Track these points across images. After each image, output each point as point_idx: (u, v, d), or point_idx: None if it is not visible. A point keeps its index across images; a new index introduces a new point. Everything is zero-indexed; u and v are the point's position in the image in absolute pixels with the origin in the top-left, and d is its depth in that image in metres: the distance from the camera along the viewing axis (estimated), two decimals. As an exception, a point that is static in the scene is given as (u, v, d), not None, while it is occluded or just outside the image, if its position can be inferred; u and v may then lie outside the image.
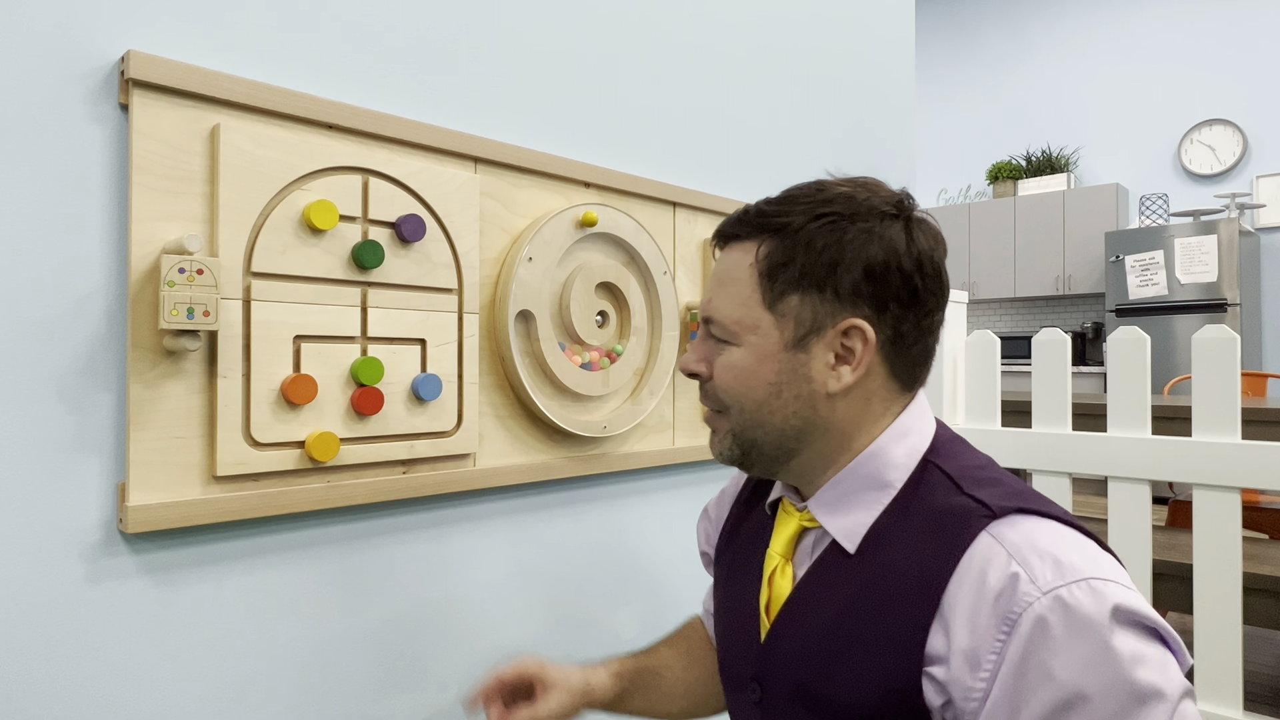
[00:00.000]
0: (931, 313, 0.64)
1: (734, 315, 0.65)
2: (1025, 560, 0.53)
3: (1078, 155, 5.56)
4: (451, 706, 0.98)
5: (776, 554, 0.69)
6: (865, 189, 0.64)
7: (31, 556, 0.68)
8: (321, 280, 0.83)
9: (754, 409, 0.65)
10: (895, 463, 0.63)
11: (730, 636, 0.75)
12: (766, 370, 0.64)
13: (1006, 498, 0.58)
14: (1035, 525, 0.56)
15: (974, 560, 0.55)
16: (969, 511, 0.58)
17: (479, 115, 1.00)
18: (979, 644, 0.53)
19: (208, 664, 0.78)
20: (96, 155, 0.71)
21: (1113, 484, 1.54)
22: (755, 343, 0.64)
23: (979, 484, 0.60)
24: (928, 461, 0.64)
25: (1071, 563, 0.53)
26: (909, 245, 0.62)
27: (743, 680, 0.71)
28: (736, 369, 0.65)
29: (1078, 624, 0.50)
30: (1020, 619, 0.51)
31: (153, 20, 0.74)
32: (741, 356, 0.65)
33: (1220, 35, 5.00)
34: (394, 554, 0.92)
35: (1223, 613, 1.42)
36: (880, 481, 0.63)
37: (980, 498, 0.58)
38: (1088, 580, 0.52)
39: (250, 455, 0.77)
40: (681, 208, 1.25)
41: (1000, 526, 0.56)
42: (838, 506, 0.64)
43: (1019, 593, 0.52)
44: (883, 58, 1.78)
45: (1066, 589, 0.51)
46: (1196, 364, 1.46)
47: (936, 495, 0.61)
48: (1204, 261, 4.49)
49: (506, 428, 1.02)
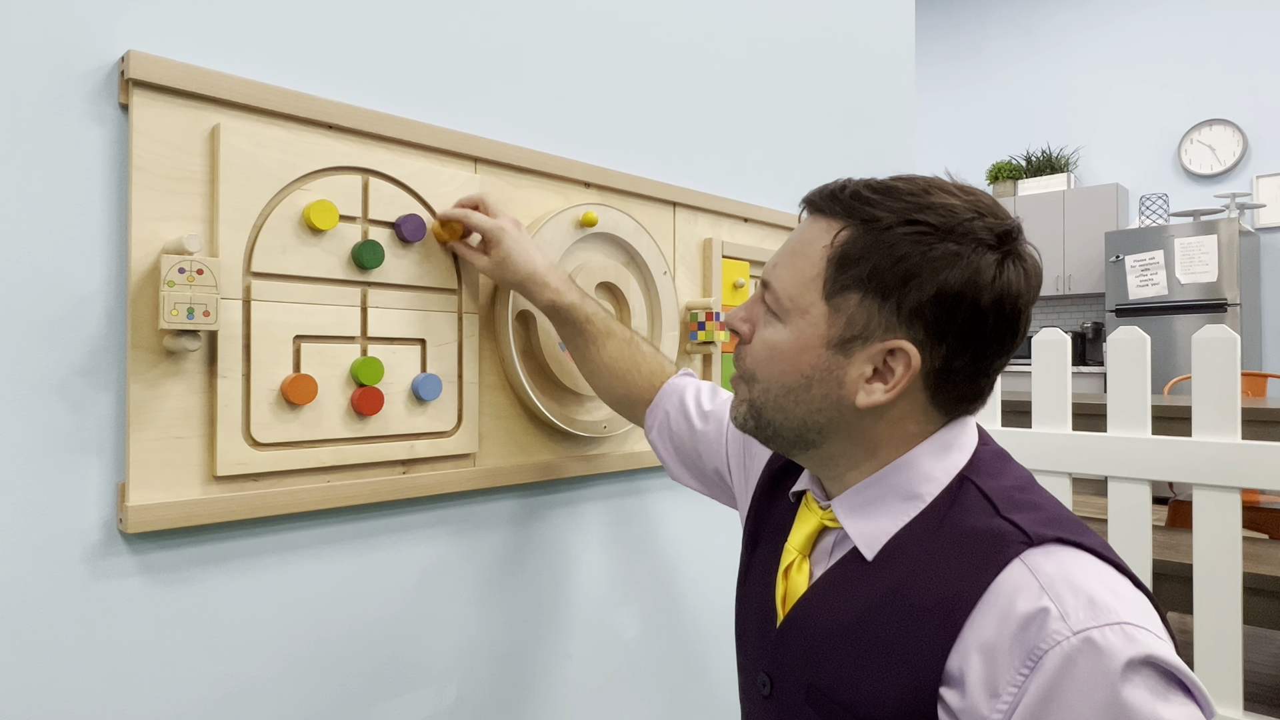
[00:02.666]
0: (994, 356, 0.61)
1: (790, 291, 0.62)
2: (1058, 595, 0.51)
3: (1078, 155, 5.56)
4: (452, 706, 0.98)
5: (794, 549, 0.68)
6: (975, 207, 0.59)
7: (31, 557, 0.68)
8: (321, 280, 0.83)
9: (779, 393, 0.63)
10: (930, 476, 0.61)
11: (747, 622, 0.74)
12: (802, 361, 0.62)
13: (1045, 524, 0.56)
14: (1072, 558, 0.54)
15: (1004, 587, 0.53)
16: (1005, 536, 0.55)
17: (479, 115, 1.00)
18: (999, 674, 0.51)
19: (208, 664, 0.78)
20: (96, 155, 0.71)
21: (1113, 484, 1.54)
22: (800, 327, 0.62)
23: (1017, 507, 0.58)
24: (965, 478, 0.61)
25: (1106, 604, 0.50)
26: (994, 281, 0.57)
27: (755, 670, 0.70)
28: (773, 348, 0.63)
29: (1106, 669, 0.48)
30: (1046, 656, 0.49)
31: (153, 20, 0.74)
32: (783, 337, 0.63)
33: (1220, 35, 5.00)
34: (394, 554, 0.92)
35: (1223, 613, 1.42)
36: (910, 493, 0.61)
37: (1018, 522, 0.56)
38: (1122, 625, 0.49)
39: (250, 455, 0.77)
40: (681, 208, 1.25)
41: (1035, 555, 0.54)
42: (863, 511, 0.62)
43: (1048, 629, 0.50)
44: (883, 57, 1.78)
45: (1099, 631, 0.49)
46: (1196, 364, 1.46)
47: (971, 515, 0.58)
48: (1204, 261, 4.49)
49: (506, 428, 1.02)
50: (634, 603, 1.22)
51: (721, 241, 1.29)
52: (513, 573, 1.05)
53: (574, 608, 1.13)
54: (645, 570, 1.23)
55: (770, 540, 0.74)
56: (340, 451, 0.84)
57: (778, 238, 1.43)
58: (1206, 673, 1.44)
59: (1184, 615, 2.69)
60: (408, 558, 0.93)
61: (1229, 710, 1.42)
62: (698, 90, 1.31)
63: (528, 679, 1.06)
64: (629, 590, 1.21)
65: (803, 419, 0.63)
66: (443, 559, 0.97)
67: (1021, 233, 0.61)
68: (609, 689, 1.18)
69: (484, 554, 1.02)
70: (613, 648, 1.18)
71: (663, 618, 1.26)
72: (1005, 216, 0.60)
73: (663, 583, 1.26)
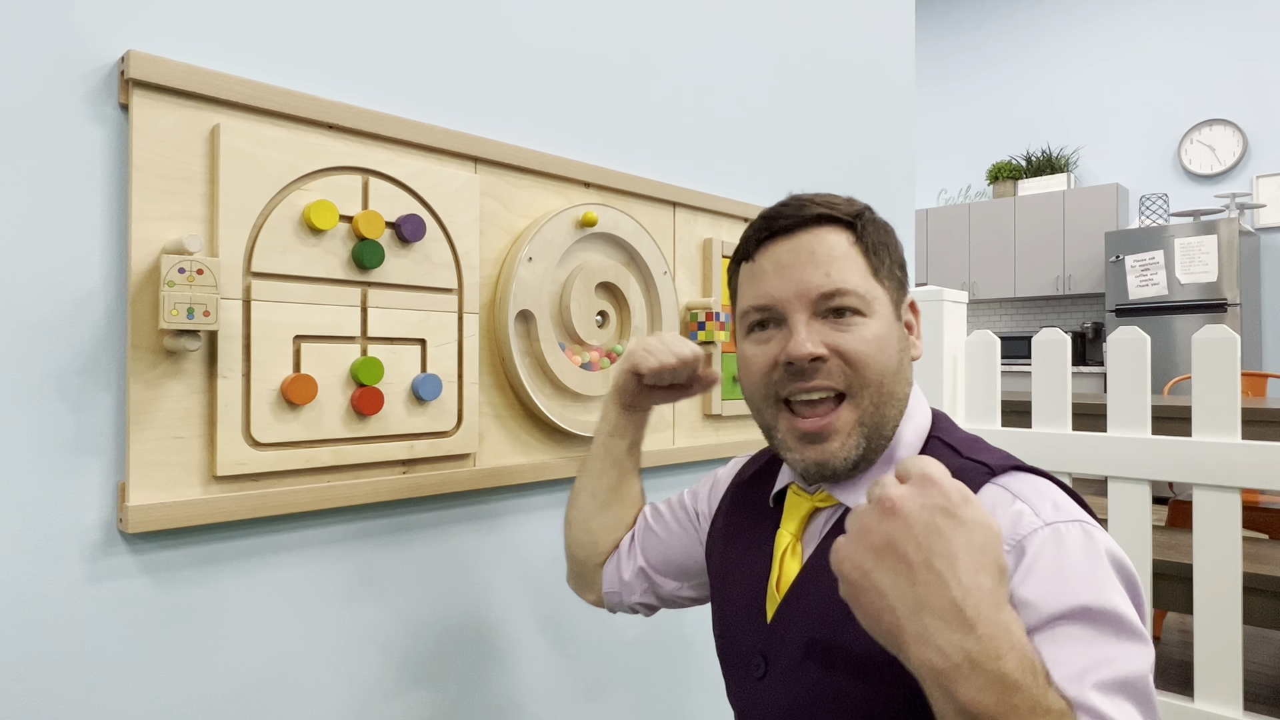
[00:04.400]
0: None
1: (862, 287, 0.67)
2: (1028, 499, 0.59)
3: (1078, 155, 5.56)
4: (452, 706, 0.98)
5: (789, 533, 0.72)
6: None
7: (31, 556, 0.68)
8: (321, 280, 0.83)
9: (891, 379, 0.67)
10: (907, 442, 0.69)
11: (733, 617, 0.76)
12: (894, 337, 0.68)
13: (1003, 459, 0.65)
14: (1031, 478, 0.63)
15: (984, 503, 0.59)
16: (973, 469, 0.63)
17: (479, 115, 1.00)
18: None
19: (207, 663, 0.78)
20: (96, 155, 0.71)
21: (1113, 484, 1.54)
22: (882, 312, 0.67)
23: (977, 450, 0.67)
24: (932, 436, 0.70)
25: (1069, 507, 0.59)
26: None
27: (746, 656, 0.72)
28: (875, 339, 0.66)
29: (1074, 553, 0.55)
30: (1025, 541, 0.56)
31: (153, 20, 0.74)
32: (877, 326, 0.66)
33: (1220, 35, 5.00)
34: (394, 554, 0.92)
35: (1223, 613, 1.42)
36: (893, 458, 0.68)
37: (980, 459, 0.64)
38: (1081, 523, 0.58)
39: (250, 455, 0.77)
40: (681, 208, 1.25)
41: (1001, 478, 0.62)
42: (856, 484, 0.68)
43: (1023, 522, 0.57)
44: (883, 58, 1.78)
45: (1065, 525, 0.57)
46: (1196, 364, 1.45)
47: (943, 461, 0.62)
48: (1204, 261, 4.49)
49: (506, 428, 1.02)
50: (634, 603, 1.22)
51: (721, 241, 1.29)
52: (513, 573, 1.05)
53: (574, 608, 1.13)
54: (645, 570, 1.23)
55: (748, 540, 0.77)
56: (340, 451, 0.84)
57: (778, 238, 1.42)
58: (1206, 673, 1.44)
59: (1184, 615, 2.69)
60: (408, 558, 0.93)
61: (1229, 710, 1.42)
62: (698, 90, 1.31)
63: (528, 679, 1.06)
64: (629, 590, 1.21)
65: (902, 399, 0.69)
66: (442, 559, 0.97)
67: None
68: (609, 689, 1.18)
69: (484, 554, 1.01)
70: (613, 648, 1.18)
71: (663, 618, 1.26)
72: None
73: (663, 583, 1.26)
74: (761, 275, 0.68)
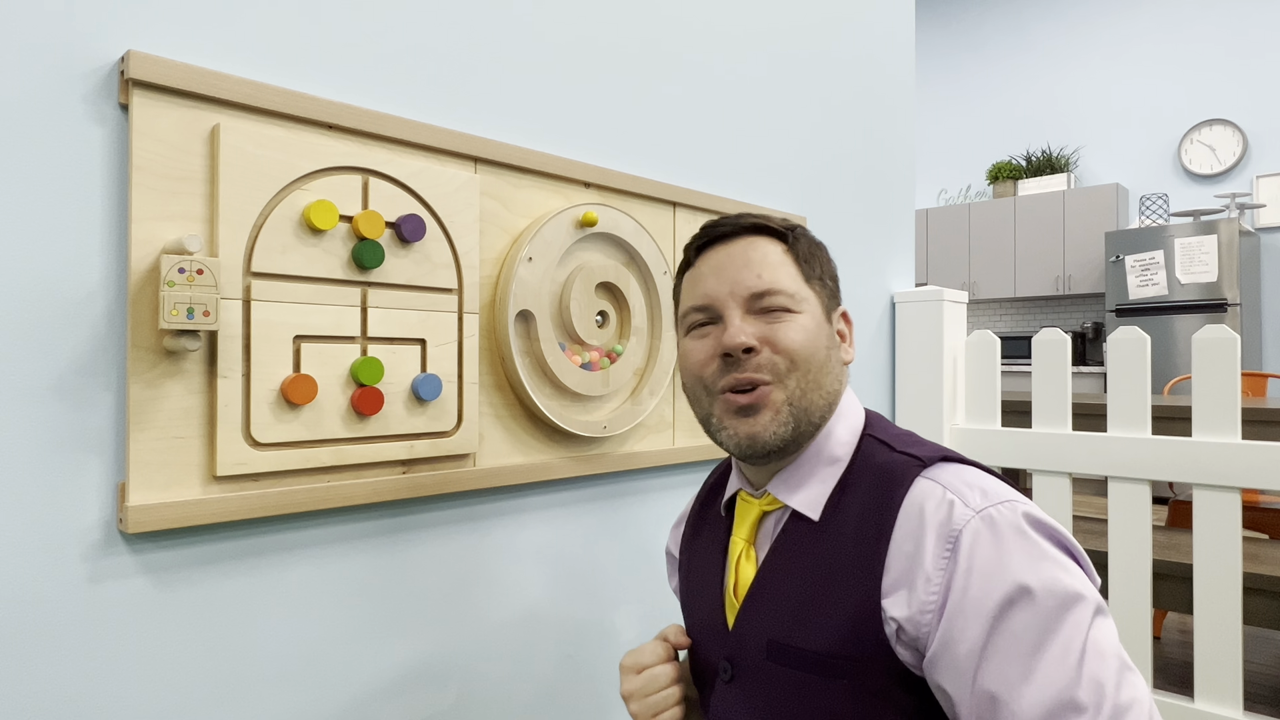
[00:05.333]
0: None
1: (792, 288, 0.72)
2: (958, 490, 0.63)
3: (1078, 155, 5.56)
4: (452, 706, 0.98)
5: (741, 539, 0.74)
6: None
7: (31, 556, 0.68)
8: (321, 280, 0.83)
9: (818, 368, 0.71)
10: (841, 440, 0.72)
11: (699, 629, 0.78)
12: (822, 334, 0.72)
13: (933, 451, 0.68)
14: (959, 468, 0.66)
15: (914, 499, 0.64)
16: (905, 463, 0.67)
17: (479, 115, 1.00)
18: (928, 564, 0.61)
19: (207, 664, 0.78)
20: (96, 155, 0.71)
21: (1113, 484, 1.54)
22: (813, 310, 0.72)
23: (908, 444, 0.70)
24: (866, 434, 0.73)
25: (995, 490, 0.63)
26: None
27: (714, 665, 0.74)
28: (806, 330, 0.71)
29: (1007, 533, 0.60)
30: (960, 534, 0.60)
31: (153, 20, 0.74)
32: (806, 320, 0.72)
33: (1220, 35, 5.00)
34: (394, 554, 0.92)
35: (1223, 613, 1.42)
36: (831, 457, 0.71)
37: (912, 453, 0.68)
38: (1008, 501, 0.62)
39: (250, 455, 0.77)
40: (681, 208, 1.25)
41: (932, 471, 0.66)
42: (798, 485, 0.71)
43: (955, 515, 0.61)
44: (883, 58, 1.78)
45: (994, 508, 0.61)
46: (1196, 364, 1.46)
47: (877, 457, 0.70)
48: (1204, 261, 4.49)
49: (506, 428, 1.02)
50: (633, 603, 1.22)
51: (721, 241, 1.29)
52: (513, 572, 1.05)
53: (574, 608, 1.13)
54: (645, 570, 1.23)
55: (704, 554, 0.80)
56: (340, 451, 0.84)
57: (778, 238, 1.43)
58: (1206, 673, 1.44)
59: (1184, 615, 2.69)
60: (408, 558, 0.93)
61: (1229, 710, 1.42)
62: (698, 90, 1.31)
63: (528, 679, 1.06)
64: (628, 590, 1.21)
65: (831, 390, 0.72)
66: (442, 559, 0.97)
67: None
68: (608, 689, 1.18)
69: (483, 554, 1.01)
70: (612, 648, 1.18)
71: (662, 618, 1.26)
72: None
73: (662, 583, 1.26)
74: (700, 279, 0.73)
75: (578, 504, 1.13)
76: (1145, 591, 1.51)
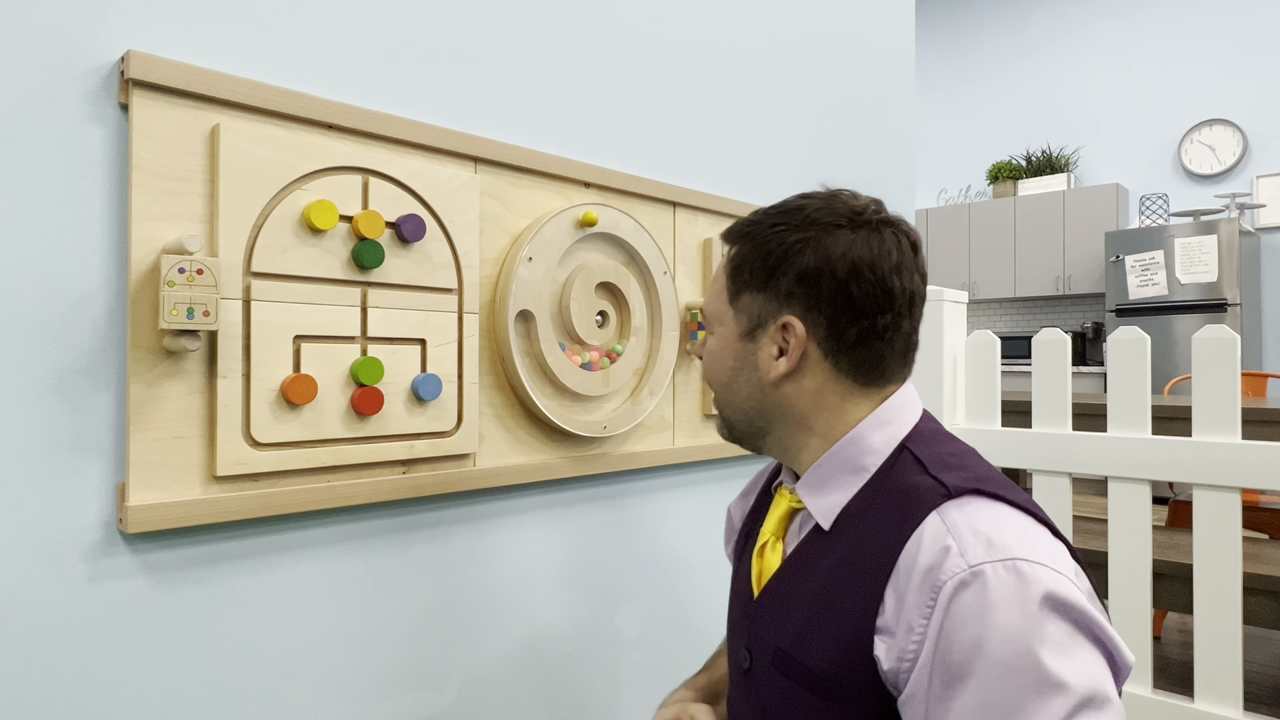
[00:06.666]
0: (874, 317, 0.66)
1: (711, 308, 0.75)
2: (960, 536, 0.56)
3: (1078, 155, 5.56)
4: (451, 706, 0.98)
5: (768, 531, 0.74)
6: (828, 201, 0.69)
7: (31, 556, 0.68)
8: (321, 280, 0.83)
9: (721, 389, 0.74)
10: (872, 448, 0.67)
11: (731, 609, 0.80)
12: (727, 357, 0.72)
13: (967, 480, 0.61)
14: (985, 507, 0.59)
15: (922, 535, 0.58)
16: (928, 490, 0.61)
17: (479, 115, 1.00)
18: (912, 613, 0.56)
19: (207, 664, 0.78)
20: (96, 155, 0.71)
21: (1113, 484, 1.54)
22: (721, 332, 0.73)
23: (946, 467, 0.63)
24: (904, 447, 0.67)
25: (1005, 543, 0.55)
26: (845, 254, 0.66)
27: (738, 647, 0.75)
28: (710, 354, 0.74)
29: (993, 600, 0.53)
30: (943, 588, 0.55)
31: (153, 20, 0.74)
32: (713, 344, 0.74)
33: (1220, 35, 5.00)
34: (394, 554, 0.92)
35: (1223, 613, 1.42)
36: (856, 465, 0.67)
37: (942, 479, 0.61)
38: (1015, 560, 0.54)
39: (250, 455, 0.77)
40: (681, 208, 1.25)
41: (950, 507, 0.59)
42: (819, 488, 0.69)
43: (946, 565, 0.55)
44: (883, 58, 1.78)
45: (990, 566, 0.54)
46: (1196, 364, 1.46)
47: (904, 476, 0.64)
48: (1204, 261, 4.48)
49: (506, 428, 1.02)
50: (634, 603, 1.22)
51: (721, 241, 1.29)
52: (512, 573, 1.05)
53: (574, 608, 1.13)
54: (645, 570, 1.23)
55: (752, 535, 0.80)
56: (340, 451, 0.84)
57: (778, 238, 1.43)
58: (1206, 673, 1.44)
59: (1184, 615, 2.69)
60: (408, 558, 0.93)
61: (1229, 710, 1.42)
62: (698, 90, 1.31)
63: (528, 679, 1.06)
64: (629, 590, 1.21)
65: (743, 407, 0.72)
66: (442, 559, 0.97)
67: (875, 210, 0.68)
68: (609, 689, 1.18)
69: (483, 554, 1.01)
70: (613, 648, 1.18)
71: (663, 618, 1.26)
72: (860, 200, 0.69)
73: (663, 583, 1.26)
74: None
75: (578, 504, 1.13)
76: (1145, 591, 1.51)
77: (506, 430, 1.02)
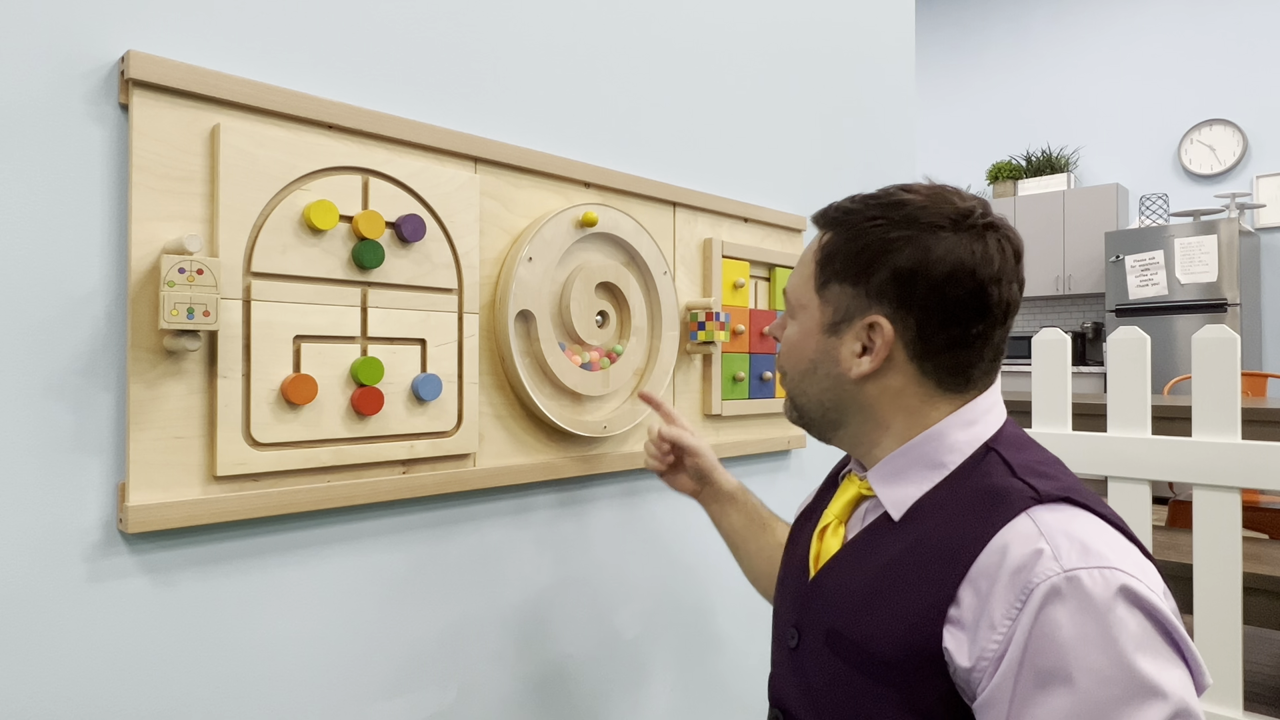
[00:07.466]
0: (966, 325, 0.65)
1: (795, 294, 0.74)
2: (1054, 540, 0.55)
3: (1078, 155, 5.56)
4: (451, 706, 0.98)
5: (832, 514, 0.75)
6: (932, 198, 0.66)
7: (31, 556, 0.68)
8: (321, 280, 0.83)
9: (797, 379, 0.73)
10: (954, 446, 0.66)
11: (781, 585, 0.80)
12: (807, 346, 0.72)
13: (1058, 488, 0.60)
14: (1076, 515, 0.58)
15: (1008, 535, 0.57)
16: (1017, 492, 0.60)
17: (479, 115, 1.00)
18: (996, 610, 0.55)
19: (207, 664, 0.78)
20: (96, 155, 0.71)
21: (1113, 484, 1.54)
22: (804, 320, 0.72)
23: (1035, 474, 0.62)
24: (990, 448, 0.66)
25: (1100, 551, 0.55)
26: (946, 256, 0.64)
27: (785, 624, 0.75)
28: (789, 342, 0.74)
29: (1089, 605, 0.52)
30: (1035, 590, 0.54)
31: (153, 20, 0.74)
32: (793, 332, 0.73)
33: (1220, 35, 5.00)
34: (394, 554, 0.92)
35: (1223, 613, 1.42)
36: (935, 461, 0.66)
37: (1032, 484, 0.61)
38: (1112, 569, 0.54)
39: (250, 455, 0.77)
40: (681, 208, 1.25)
41: (1041, 510, 0.58)
42: (893, 479, 0.68)
43: (1039, 566, 0.54)
44: (883, 57, 1.78)
45: (1086, 571, 0.53)
46: (1196, 364, 1.46)
47: (990, 477, 0.63)
48: (1204, 261, 4.49)
49: (506, 428, 1.02)
50: (634, 603, 1.22)
51: (721, 241, 1.29)
52: (513, 573, 1.05)
53: (574, 608, 1.13)
54: (645, 570, 1.23)
55: (811, 516, 0.82)
56: (340, 451, 0.84)
57: (778, 238, 1.43)
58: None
59: (1184, 615, 2.69)
60: (407, 558, 0.93)
61: (1229, 710, 1.42)
62: (698, 90, 1.31)
63: (528, 679, 1.06)
64: (629, 590, 1.21)
65: (819, 399, 0.72)
66: (442, 559, 0.97)
67: (981, 214, 0.66)
68: (609, 689, 1.18)
69: (484, 554, 1.01)
70: (613, 648, 1.18)
71: (663, 618, 1.26)
72: (966, 201, 0.66)
73: (663, 583, 1.26)
74: None
75: (578, 504, 1.13)
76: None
77: (506, 430, 1.02)
